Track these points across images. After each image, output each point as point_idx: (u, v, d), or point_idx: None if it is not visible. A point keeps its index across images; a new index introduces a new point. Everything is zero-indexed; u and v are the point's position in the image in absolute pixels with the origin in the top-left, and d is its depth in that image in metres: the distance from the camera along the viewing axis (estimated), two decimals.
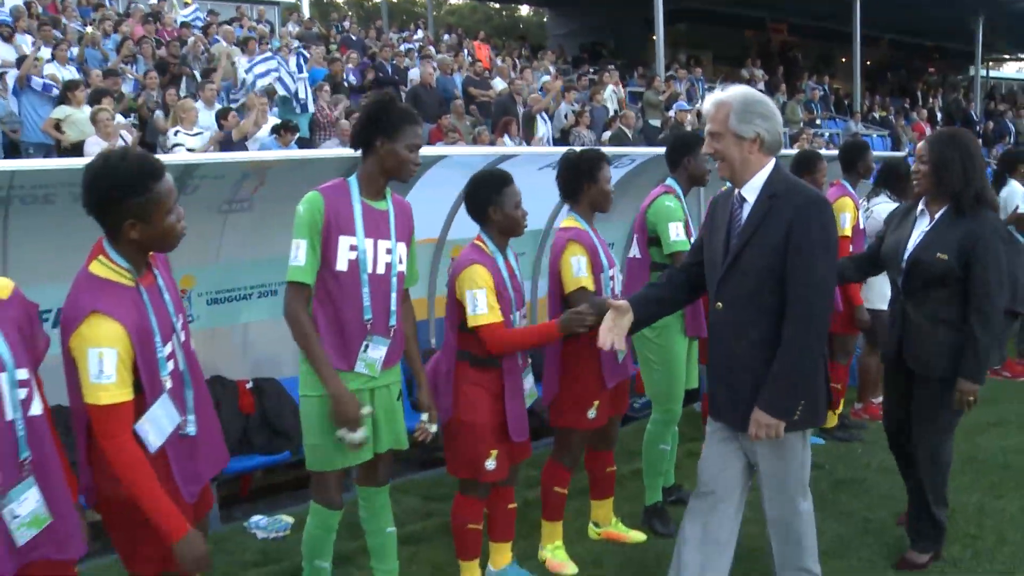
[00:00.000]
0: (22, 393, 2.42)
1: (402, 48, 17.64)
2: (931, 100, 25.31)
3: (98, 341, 2.55)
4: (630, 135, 13.34)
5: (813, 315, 3.20)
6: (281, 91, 11.82)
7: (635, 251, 4.87)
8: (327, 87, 12.19)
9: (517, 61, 19.01)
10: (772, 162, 3.33)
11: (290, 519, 5.08)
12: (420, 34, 21.65)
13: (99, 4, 16.48)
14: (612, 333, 3.51)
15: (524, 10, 44.53)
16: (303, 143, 11.08)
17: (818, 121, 20.29)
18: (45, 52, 11.49)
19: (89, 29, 12.90)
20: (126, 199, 2.61)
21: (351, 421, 3.33)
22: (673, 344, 4.72)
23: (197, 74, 12.50)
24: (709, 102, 3.37)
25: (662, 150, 5.40)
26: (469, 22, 38.98)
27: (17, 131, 9.99)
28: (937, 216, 4.15)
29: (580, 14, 28.04)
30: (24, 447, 2.42)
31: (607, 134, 13.61)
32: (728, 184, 3.45)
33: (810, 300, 3.18)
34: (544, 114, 13.92)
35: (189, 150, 8.99)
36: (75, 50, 12.26)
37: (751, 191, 3.32)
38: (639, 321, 3.62)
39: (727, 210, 3.41)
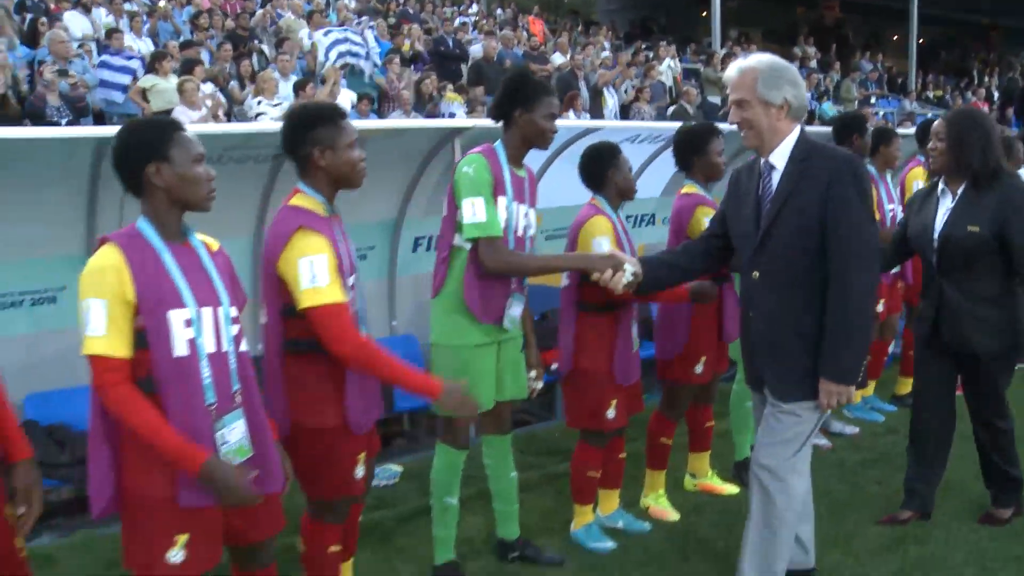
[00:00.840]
0: (234, 329, 2.72)
1: (456, 22, 17.80)
2: (987, 79, 25.08)
3: (308, 250, 2.91)
4: (691, 111, 13.45)
5: (862, 268, 3.19)
6: (357, 63, 12.05)
7: None
8: (396, 60, 12.41)
9: (573, 36, 19.12)
10: (798, 128, 3.34)
11: (399, 468, 5.39)
12: (474, 8, 21.77)
13: None
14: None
15: None
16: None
17: (873, 100, 20.22)
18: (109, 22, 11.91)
19: (162, 3, 13.20)
20: (316, 127, 2.99)
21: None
22: None
23: (265, 47, 12.77)
24: (733, 69, 3.36)
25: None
26: None
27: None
28: (960, 192, 4.21)
29: None
30: (235, 379, 2.70)
31: (670, 110, 13.74)
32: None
33: (857, 253, 3.18)
34: (612, 88, 14.11)
35: (272, 119, 9.27)
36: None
37: (779, 157, 3.32)
38: (646, 282, 3.65)
39: (753, 180, 3.43)
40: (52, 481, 5.32)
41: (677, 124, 4.75)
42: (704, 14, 27.57)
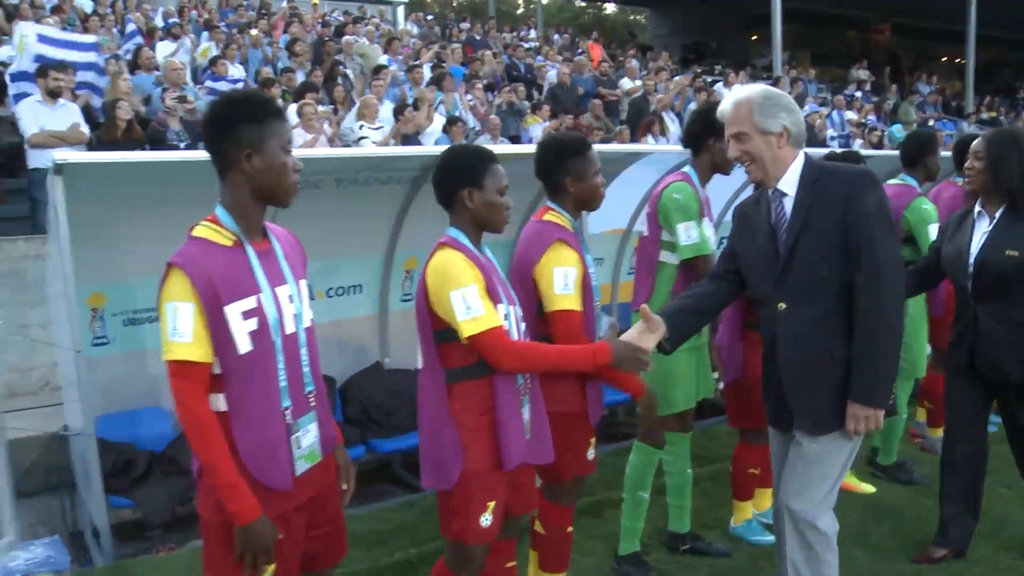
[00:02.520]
0: (303, 333, 2.73)
1: (519, 47, 18.23)
2: None
3: (563, 262, 3.38)
4: None
5: (887, 287, 3.07)
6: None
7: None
8: (479, 85, 12.82)
9: (627, 62, 19.48)
10: (801, 153, 3.25)
11: None
12: (532, 33, 22.25)
13: (238, 5, 17.42)
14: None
15: (609, 8, 45.17)
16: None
17: (931, 122, 20.41)
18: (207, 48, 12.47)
19: (254, 31, 13.73)
20: (570, 158, 3.54)
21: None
22: None
23: (349, 71, 13.22)
24: (727, 103, 3.27)
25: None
26: (556, 20, 39.51)
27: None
28: (998, 215, 4.11)
29: (682, 14, 28.43)
30: (310, 380, 2.72)
31: None
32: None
33: (881, 272, 3.06)
34: (672, 113, 14.39)
35: (374, 143, 9.68)
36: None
37: (789, 184, 3.23)
38: (673, 338, 3.45)
39: (762, 210, 3.34)
40: None
41: None
42: (755, 38, 27.98)
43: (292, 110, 9.33)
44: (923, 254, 4.77)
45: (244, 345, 2.52)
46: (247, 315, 2.53)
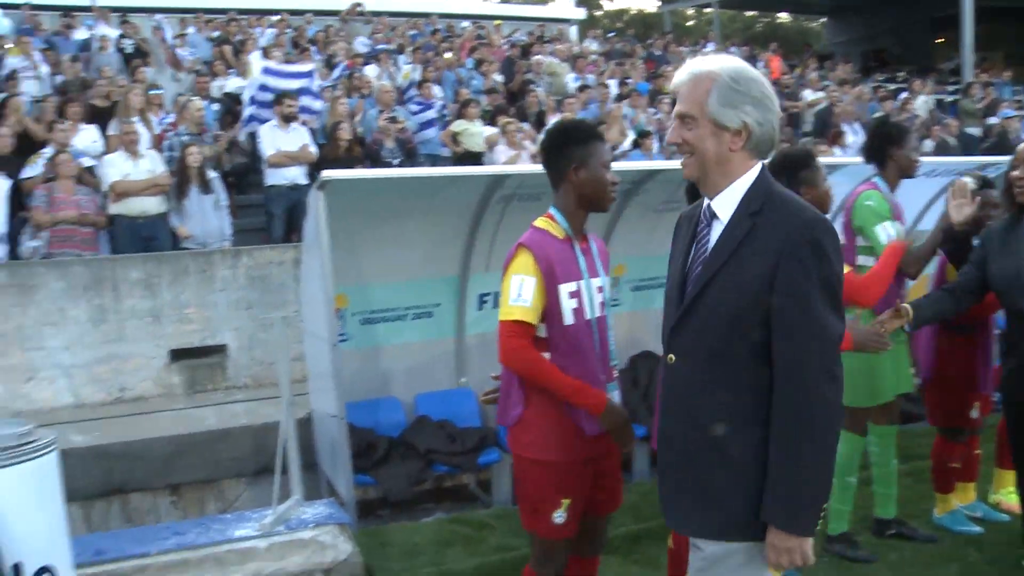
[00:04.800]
0: (610, 317, 3.45)
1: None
2: None
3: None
4: (953, 144, 13.55)
5: (821, 382, 2.32)
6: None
7: None
8: (665, 100, 13.22)
9: (806, 72, 19.38)
10: (758, 167, 2.47)
11: None
12: (710, 47, 22.39)
13: (434, 30, 18.41)
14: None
15: (782, 16, 44.49)
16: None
17: None
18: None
19: (448, 54, 14.61)
20: (802, 170, 3.99)
21: None
22: None
23: (540, 90, 13.86)
24: (684, 72, 2.50)
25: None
26: (728, 30, 39.33)
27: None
28: None
29: (861, 20, 27.86)
30: (614, 355, 3.40)
31: (929, 143, 13.86)
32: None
33: (808, 362, 2.32)
34: (853, 123, 14.35)
35: None
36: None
37: (725, 205, 2.46)
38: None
39: (691, 230, 2.58)
40: (444, 467, 6.33)
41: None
42: (940, 40, 27.11)
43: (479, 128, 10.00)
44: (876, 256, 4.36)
45: (568, 318, 3.21)
46: (572, 295, 3.21)
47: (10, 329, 7.42)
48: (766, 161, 2.49)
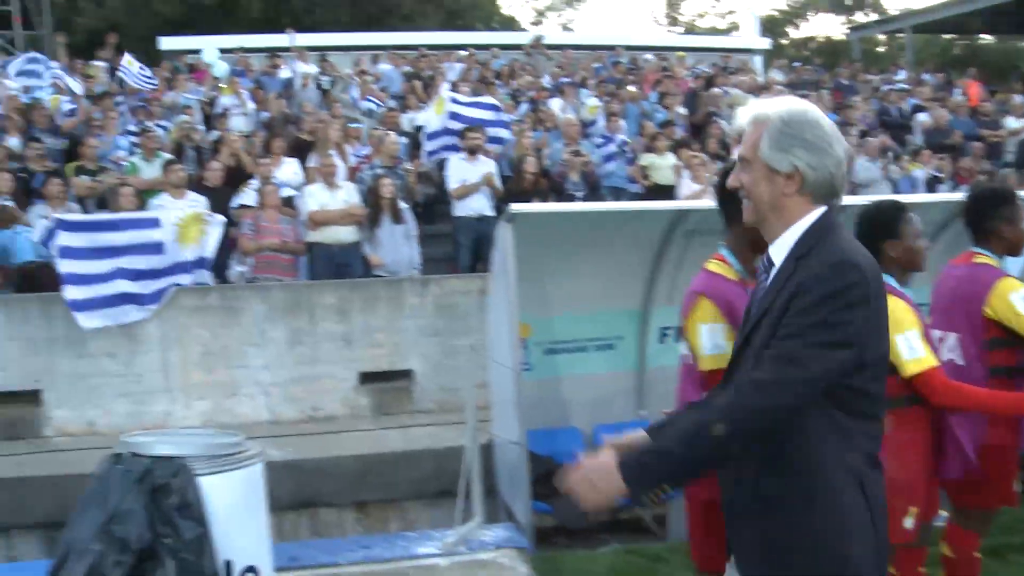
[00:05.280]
0: None
1: (883, 89, 17.82)
2: None
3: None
4: None
5: (752, 395, 2.24)
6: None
7: None
8: (853, 132, 12.85)
9: (1016, 98, 18.36)
10: (818, 212, 2.39)
11: None
12: (901, 75, 21.57)
13: (615, 62, 18.58)
14: None
15: (985, 38, 42.21)
16: None
17: None
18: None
19: (632, 88, 14.71)
20: (1003, 206, 3.89)
21: None
22: None
23: (724, 122, 13.74)
24: (745, 114, 2.50)
25: None
26: (922, 55, 37.68)
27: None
28: None
29: None
30: None
31: None
32: None
33: (760, 381, 2.23)
34: None
35: None
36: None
37: (780, 251, 2.41)
38: None
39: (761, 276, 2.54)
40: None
41: None
42: None
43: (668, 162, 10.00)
44: None
45: None
46: None
47: (218, 348, 7.99)
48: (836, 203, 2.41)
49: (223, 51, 15.40)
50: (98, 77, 14.12)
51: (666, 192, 10.27)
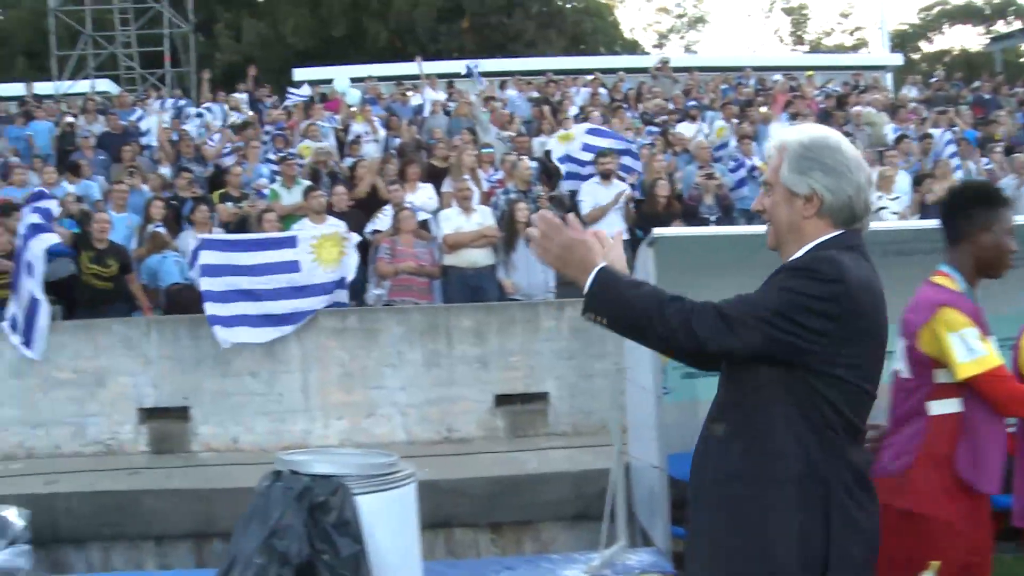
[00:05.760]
0: None
1: None
2: None
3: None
4: None
5: (696, 317, 2.26)
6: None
7: None
8: (997, 149, 12.37)
9: None
10: (832, 233, 2.44)
11: None
12: None
13: (737, 83, 18.36)
14: None
15: None
16: None
17: None
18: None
19: (763, 108, 14.53)
20: None
21: None
22: None
23: (858, 141, 13.39)
24: (772, 140, 2.60)
25: None
26: None
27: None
28: None
29: None
30: None
31: None
32: None
33: (698, 309, 2.27)
34: None
35: (893, 214, 9.81)
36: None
37: None
38: None
39: None
40: None
41: None
42: None
43: None
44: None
45: None
46: None
47: (356, 369, 8.18)
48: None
49: (353, 80, 15.87)
50: (240, 108, 14.76)
51: None
